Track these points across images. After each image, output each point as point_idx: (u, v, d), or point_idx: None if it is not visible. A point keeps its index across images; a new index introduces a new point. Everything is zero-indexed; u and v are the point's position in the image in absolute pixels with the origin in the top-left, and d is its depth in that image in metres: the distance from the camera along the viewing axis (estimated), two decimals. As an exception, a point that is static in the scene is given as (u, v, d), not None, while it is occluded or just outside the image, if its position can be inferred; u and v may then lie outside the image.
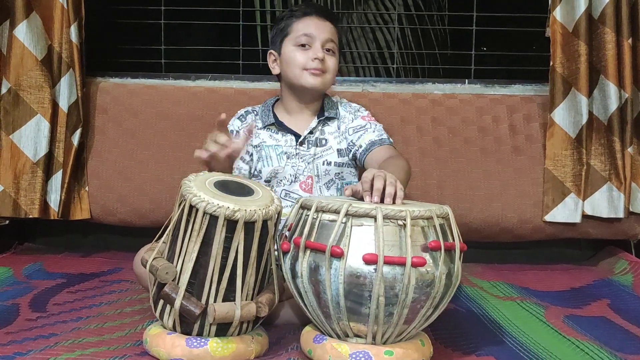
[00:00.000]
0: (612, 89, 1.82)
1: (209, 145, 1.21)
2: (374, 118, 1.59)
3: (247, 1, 2.55)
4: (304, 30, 1.50)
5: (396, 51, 2.69)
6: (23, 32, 1.83)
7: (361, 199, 1.13)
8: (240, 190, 1.14)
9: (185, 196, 1.08)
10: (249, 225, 1.06)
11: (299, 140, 1.54)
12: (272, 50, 1.57)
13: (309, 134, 1.54)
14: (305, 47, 1.50)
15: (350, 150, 1.54)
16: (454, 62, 2.65)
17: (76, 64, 1.87)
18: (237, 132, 1.57)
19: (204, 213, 1.05)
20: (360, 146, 1.51)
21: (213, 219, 1.05)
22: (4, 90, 1.85)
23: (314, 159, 1.53)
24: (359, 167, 1.57)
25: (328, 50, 1.51)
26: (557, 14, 1.85)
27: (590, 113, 1.86)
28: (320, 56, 1.48)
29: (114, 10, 2.30)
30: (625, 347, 1.19)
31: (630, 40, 1.81)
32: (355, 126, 1.55)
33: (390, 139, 1.55)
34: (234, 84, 2.08)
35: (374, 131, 1.53)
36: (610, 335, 1.28)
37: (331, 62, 1.52)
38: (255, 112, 1.61)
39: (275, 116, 1.57)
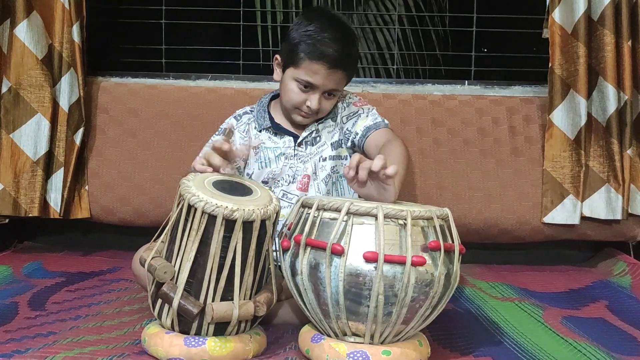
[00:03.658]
0: (611, 90, 1.82)
1: (198, 162, 1.23)
2: (366, 102, 1.58)
3: (248, 1, 2.55)
4: (309, 77, 1.42)
5: (396, 52, 2.69)
6: (23, 31, 1.83)
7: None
8: (238, 190, 1.15)
9: (183, 196, 1.08)
10: (247, 225, 1.07)
11: (297, 141, 1.54)
12: (278, 55, 1.54)
13: (307, 135, 1.54)
14: (306, 89, 1.45)
15: (348, 139, 1.54)
16: (454, 63, 2.65)
17: (78, 63, 1.87)
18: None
19: (203, 212, 1.05)
20: (357, 133, 1.51)
21: (211, 218, 1.05)
22: (4, 89, 1.86)
23: (311, 157, 1.54)
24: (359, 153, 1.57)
25: (329, 94, 1.47)
26: (556, 15, 1.85)
27: (589, 115, 1.86)
28: (314, 108, 1.45)
29: (115, 10, 2.30)
30: (623, 349, 1.20)
31: (630, 43, 1.81)
32: (348, 114, 1.55)
33: (386, 121, 1.53)
34: (234, 84, 2.08)
35: (367, 116, 1.53)
36: (608, 336, 1.28)
37: (327, 105, 1.49)
38: (252, 112, 1.60)
39: (271, 118, 1.56)
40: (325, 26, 1.44)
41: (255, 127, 1.57)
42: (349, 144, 1.54)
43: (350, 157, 1.56)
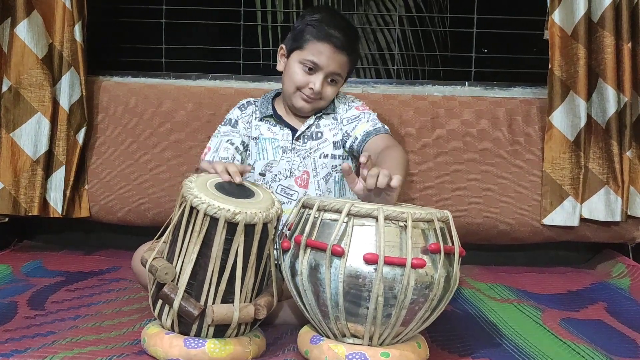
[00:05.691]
0: (610, 92, 1.82)
1: (213, 166, 1.22)
2: (367, 108, 1.59)
3: (248, 1, 2.55)
4: (314, 57, 1.46)
5: (397, 53, 2.70)
6: (24, 30, 1.83)
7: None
8: (240, 192, 1.15)
9: (186, 197, 1.08)
10: (249, 228, 1.07)
11: (296, 135, 1.54)
12: (283, 45, 1.55)
13: (306, 129, 1.55)
14: (310, 71, 1.48)
15: (346, 141, 1.55)
16: (454, 64, 2.66)
17: (80, 62, 1.87)
18: (236, 120, 1.57)
19: (205, 215, 1.05)
20: (356, 137, 1.52)
21: (213, 220, 1.05)
22: (4, 88, 1.86)
23: (310, 153, 1.54)
24: (357, 158, 1.57)
25: (331, 80, 1.50)
26: (556, 17, 1.85)
27: (589, 116, 1.86)
28: (317, 89, 1.47)
29: (115, 9, 2.30)
30: (621, 351, 1.20)
31: (630, 44, 1.81)
32: (349, 117, 1.56)
33: (386, 127, 1.54)
34: (235, 83, 2.08)
35: (367, 121, 1.53)
36: (607, 338, 1.28)
37: (329, 91, 1.50)
38: (255, 104, 1.61)
39: (274, 109, 1.57)
40: (332, 15, 1.53)
41: (256, 118, 1.58)
42: (348, 146, 1.54)
43: (349, 158, 1.57)
